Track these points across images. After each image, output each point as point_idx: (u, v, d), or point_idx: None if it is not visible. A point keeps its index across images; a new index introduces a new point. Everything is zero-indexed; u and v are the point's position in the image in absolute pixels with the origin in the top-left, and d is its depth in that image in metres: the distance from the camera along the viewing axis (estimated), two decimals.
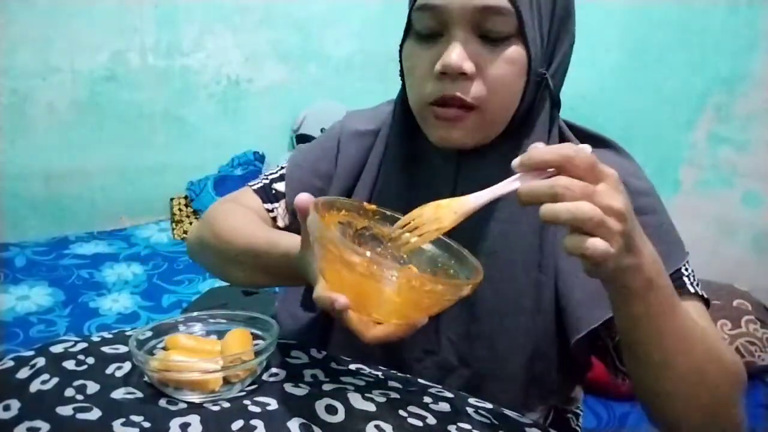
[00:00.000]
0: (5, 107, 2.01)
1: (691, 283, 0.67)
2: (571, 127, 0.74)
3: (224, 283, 1.88)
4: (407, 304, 0.51)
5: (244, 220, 0.77)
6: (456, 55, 0.60)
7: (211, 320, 0.70)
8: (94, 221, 2.21)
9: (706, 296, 0.68)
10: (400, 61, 0.68)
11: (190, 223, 2.25)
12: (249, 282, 0.80)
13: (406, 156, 0.72)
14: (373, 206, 0.61)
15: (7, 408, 0.55)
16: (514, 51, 0.62)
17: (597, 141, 0.72)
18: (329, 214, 0.57)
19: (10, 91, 2.01)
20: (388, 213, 0.60)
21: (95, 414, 0.54)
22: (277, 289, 1.87)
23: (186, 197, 2.35)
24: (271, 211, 0.81)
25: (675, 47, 1.90)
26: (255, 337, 0.66)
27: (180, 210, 2.31)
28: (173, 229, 2.24)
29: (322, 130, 2.39)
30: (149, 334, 0.65)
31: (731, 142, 1.84)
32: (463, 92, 0.61)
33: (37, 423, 0.53)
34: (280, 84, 2.46)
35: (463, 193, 0.56)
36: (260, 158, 2.48)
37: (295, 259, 0.63)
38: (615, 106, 2.04)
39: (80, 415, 0.54)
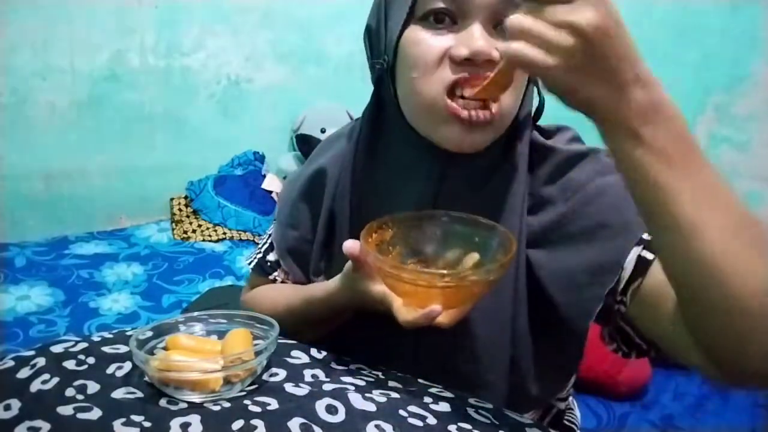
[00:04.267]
0: (5, 107, 2.01)
1: None
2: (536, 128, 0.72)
3: (224, 283, 1.89)
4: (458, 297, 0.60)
5: (267, 302, 0.82)
6: (484, 41, 0.58)
7: (212, 320, 0.71)
8: (94, 221, 2.20)
9: None
10: (395, 50, 0.64)
11: (190, 223, 2.25)
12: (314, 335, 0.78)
13: (377, 163, 0.72)
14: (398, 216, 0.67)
15: (7, 408, 0.55)
16: None
17: (549, 133, 0.71)
18: (369, 240, 0.63)
19: (10, 91, 2.01)
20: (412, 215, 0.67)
21: (96, 414, 0.54)
22: None
23: (186, 197, 2.35)
24: (274, 281, 0.85)
25: (675, 47, 1.90)
26: (255, 337, 0.66)
27: (180, 210, 2.31)
28: (173, 229, 2.24)
29: (322, 131, 2.40)
30: (150, 334, 0.65)
31: (731, 142, 1.84)
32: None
33: (38, 423, 0.53)
34: (280, 84, 2.46)
35: (445, 200, 0.66)
36: (260, 158, 2.48)
37: (341, 292, 0.69)
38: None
39: (81, 415, 0.54)
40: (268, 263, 0.85)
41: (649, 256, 0.58)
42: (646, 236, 0.59)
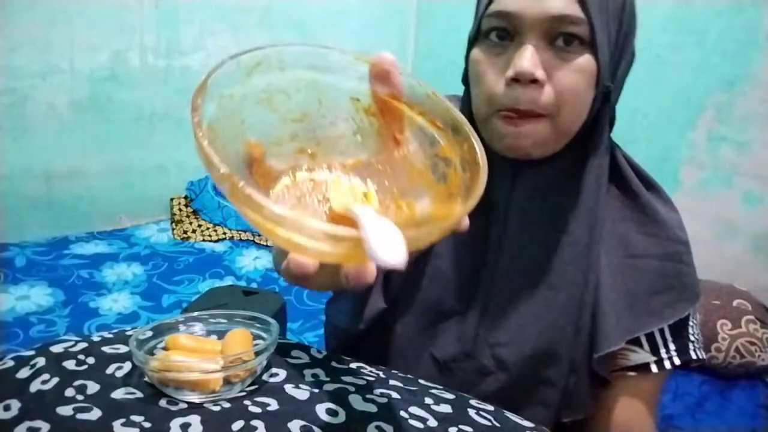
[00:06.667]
0: (5, 107, 2.01)
1: (695, 349, 0.71)
2: (628, 161, 0.73)
3: (224, 283, 1.89)
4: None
5: None
6: (528, 61, 0.59)
7: (212, 320, 0.70)
8: (94, 221, 2.21)
9: (702, 357, 0.72)
10: (466, 68, 0.68)
11: (190, 223, 2.25)
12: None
13: None
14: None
15: (7, 408, 0.55)
16: (585, 60, 0.61)
17: (648, 183, 0.73)
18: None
19: (10, 91, 2.01)
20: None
21: (95, 414, 0.54)
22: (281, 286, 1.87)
23: (186, 197, 2.35)
24: None
25: (675, 47, 1.90)
26: (255, 337, 0.66)
27: (180, 210, 2.32)
28: (173, 229, 2.24)
29: None
30: (149, 334, 0.65)
31: (731, 142, 1.84)
32: (534, 101, 0.60)
33: (37, 423, 0.53)
34: None
35: (516, 209, 0.68)
36: None
37: None
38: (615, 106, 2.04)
39: (80, 415, 0.54)
40: None
41: (654, 369, 0.69)
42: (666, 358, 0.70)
